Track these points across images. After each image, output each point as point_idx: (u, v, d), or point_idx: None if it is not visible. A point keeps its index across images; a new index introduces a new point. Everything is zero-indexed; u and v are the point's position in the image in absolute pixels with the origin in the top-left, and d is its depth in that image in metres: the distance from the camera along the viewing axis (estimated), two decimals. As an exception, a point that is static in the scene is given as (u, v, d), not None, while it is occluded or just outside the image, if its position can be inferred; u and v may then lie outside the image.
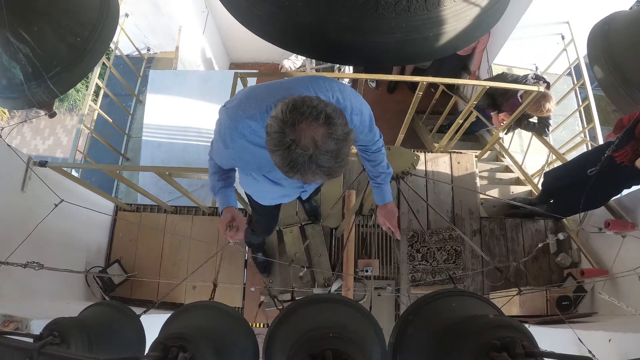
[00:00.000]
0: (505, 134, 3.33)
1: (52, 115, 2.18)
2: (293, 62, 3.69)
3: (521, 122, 3.04)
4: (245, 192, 1.73)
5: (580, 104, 3.48)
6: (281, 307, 1.04)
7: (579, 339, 1.29)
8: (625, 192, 2.39)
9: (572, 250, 2.76)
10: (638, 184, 2.12)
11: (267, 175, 1.35)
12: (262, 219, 2.13)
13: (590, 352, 1.16)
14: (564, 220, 2.86)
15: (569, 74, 3.65)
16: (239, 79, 2.42)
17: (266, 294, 2.58)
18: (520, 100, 2.73)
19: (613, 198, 2.48)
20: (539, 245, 1.55)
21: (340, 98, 1.12)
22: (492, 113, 3.09)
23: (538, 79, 2.71)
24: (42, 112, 2.13)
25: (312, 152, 0.88)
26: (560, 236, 1.45)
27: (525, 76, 2.77)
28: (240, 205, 2.30)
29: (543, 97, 2.65)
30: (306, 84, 1.11)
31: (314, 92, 1.09)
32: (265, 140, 0.93)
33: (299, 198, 1.94)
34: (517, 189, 3.38)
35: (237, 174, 1.52)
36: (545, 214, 2.41)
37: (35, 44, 1.61)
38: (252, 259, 2.63)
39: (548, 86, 2.83)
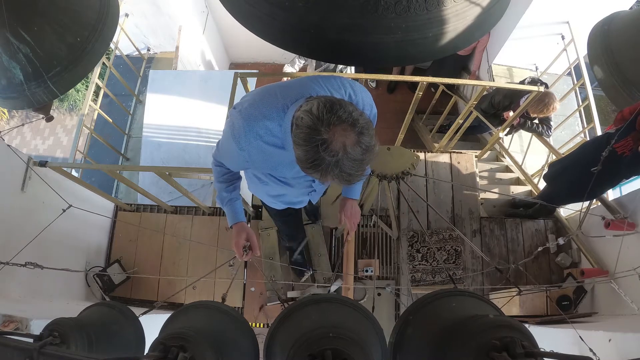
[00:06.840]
0: (507, 134, 3.33)
1: (49, 119, 2.17)
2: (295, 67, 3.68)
3: (524, 125, 3.05)
4: (260, 200, 1.72)
5: (580, 104, 3.48)
6: (284, 299, 1.04)
7: (581, 337, 1.29)
8: (625, 188, 2.37)
9: (572, 250, 2.76)
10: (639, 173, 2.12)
11: (276, 176, 1.35)
12: (282, 225, 2.15)
13: (591, 350, 1.16)
14: (565, 220, 2.86)
15: (569, 74, 3.65)
16: (239, 79, 2.42)
17: (270, 288, 2.59)
18: None
19: (613, 197, 2.49)
20: (539, 249, 1.54)
21: (352, 94, 1.14)
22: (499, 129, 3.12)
23: (535, 82, 2.73)
24: (40, 116, 2.12)
25: (340, 157, 0.87)
26: (560, 241, 1.45)
27: (522, 82, 2.79)
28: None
29: (548, 97, 2.67)
30: (320, 83, 1.12)
31: (327, 90, 1.10)
32: (293, 132, 0.92)
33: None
34: (517, 189, 3.38)
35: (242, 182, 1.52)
36: (542, 204, 2.40)
37: (35, 44, 1.61)
38: (292, 262, 2.60)
39: (546, 88, 2.85)
